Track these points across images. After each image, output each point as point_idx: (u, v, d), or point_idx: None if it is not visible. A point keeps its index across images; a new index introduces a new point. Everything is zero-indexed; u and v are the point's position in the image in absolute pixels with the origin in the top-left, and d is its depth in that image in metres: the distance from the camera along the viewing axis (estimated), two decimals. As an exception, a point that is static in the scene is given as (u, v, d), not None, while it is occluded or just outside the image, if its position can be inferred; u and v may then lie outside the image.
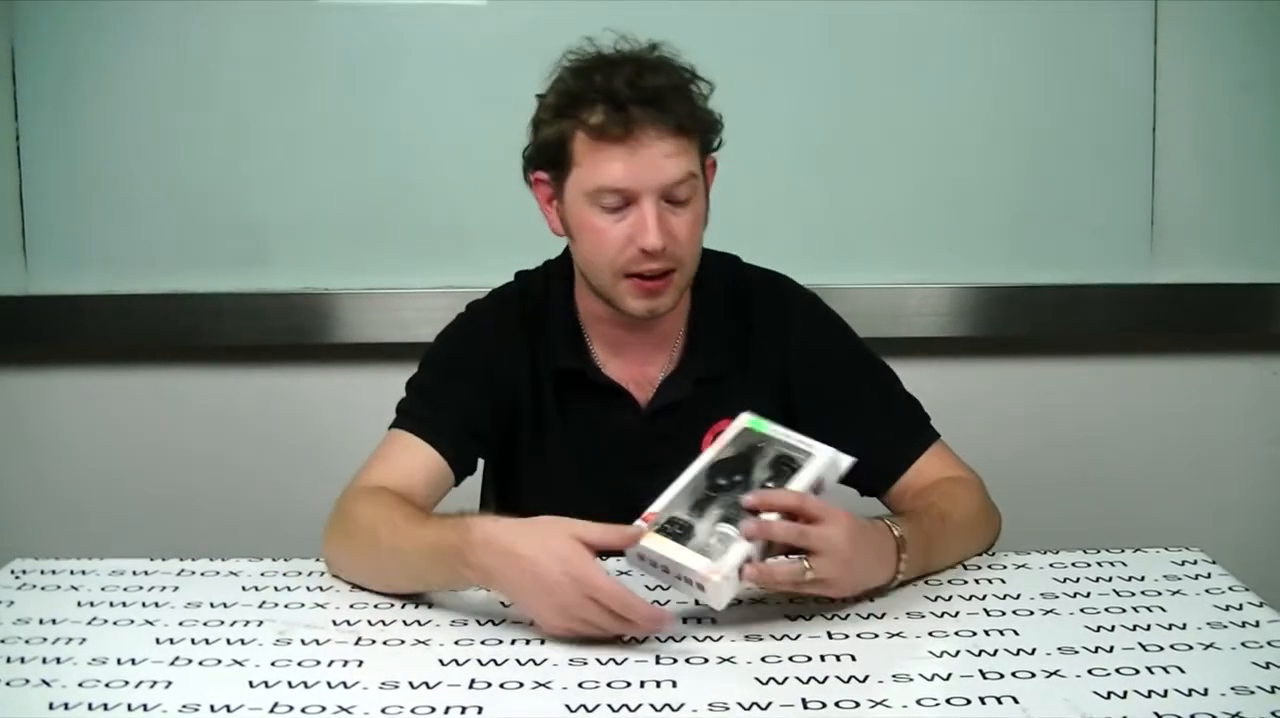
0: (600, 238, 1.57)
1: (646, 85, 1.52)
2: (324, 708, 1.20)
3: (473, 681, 1.26)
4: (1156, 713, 1.16)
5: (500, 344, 1.70)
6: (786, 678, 1.25)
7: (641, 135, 1.51)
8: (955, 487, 1.62)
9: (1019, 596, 1.47)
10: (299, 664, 1.30)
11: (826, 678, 1.25)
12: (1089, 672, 1.25)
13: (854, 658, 1.29)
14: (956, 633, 1.37)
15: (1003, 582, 1.51)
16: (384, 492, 1.54)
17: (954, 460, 1.68)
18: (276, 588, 1.53)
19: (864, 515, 1.46)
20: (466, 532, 1.37)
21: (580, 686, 1.24)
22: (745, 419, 1.45)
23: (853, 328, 1.77)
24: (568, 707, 1.20)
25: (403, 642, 1.36)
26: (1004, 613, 1.42)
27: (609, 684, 1.24)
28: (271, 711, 1.20)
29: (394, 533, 1.46)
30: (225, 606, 1.47)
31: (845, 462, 1.43)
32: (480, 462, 1.73)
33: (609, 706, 1.20)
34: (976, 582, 1.51)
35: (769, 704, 1.19)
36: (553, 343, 1.69)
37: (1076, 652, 1.30)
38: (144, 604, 1.47)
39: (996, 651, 1.31)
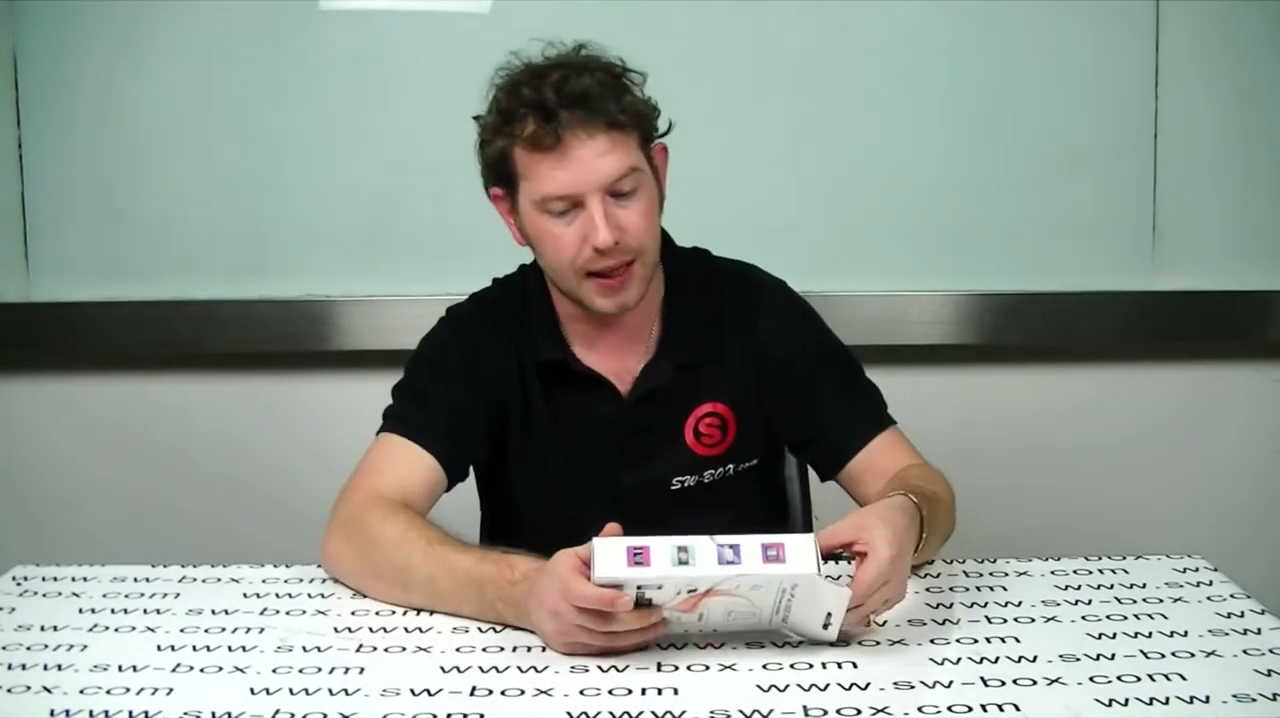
0: (556, 243, 1.59)
1: (572, 89, 1.54)
2: (325, 715, 1.20)
3: (474, 688, 1.26)
4: (1158, 720, 1.16)
5: (485, 343, 1.71)
6: (788, 686, 1.25)
7: (572, 139, 1.53)
8: (930, 472, 1.64)
9: (1020, 603, 1.47)
10: (300, 671, 1.30)
11: (828, 686, 1.25)
12: (1090, 679, 1.25)
13: (855, 665, 1.29)
14: (958, 640, 1.36)
15: (1004, 589, 1.51)
16: (404, 509, 1.55)
17: (912, 449, 1.70)
18: (278, 595, 1.53)
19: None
20: (510, 569, 1.40)
21: (581, 693, 1.24)
22: None
23: (851, 332, 1.78)
24: (569, 714, 1.20)
25: (404, 649, 1.36)
26: (1005, 620, 1.42)
27: (610, 692, 1.24)
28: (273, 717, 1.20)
29: (427, 558, 1.47)
30: (226, 612, 1.47)
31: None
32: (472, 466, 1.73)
33: (610, 713, 1.20)
34: (978, 589, 1.51)
35: (770, 712, 1.19)
36: (535, 338, 1.71)
37: (1078, 659, 1.30)
38: (145, 611, 1.47)
39: (998, 658, 1.31)
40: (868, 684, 1.25)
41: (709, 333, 1.72)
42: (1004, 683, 1.25)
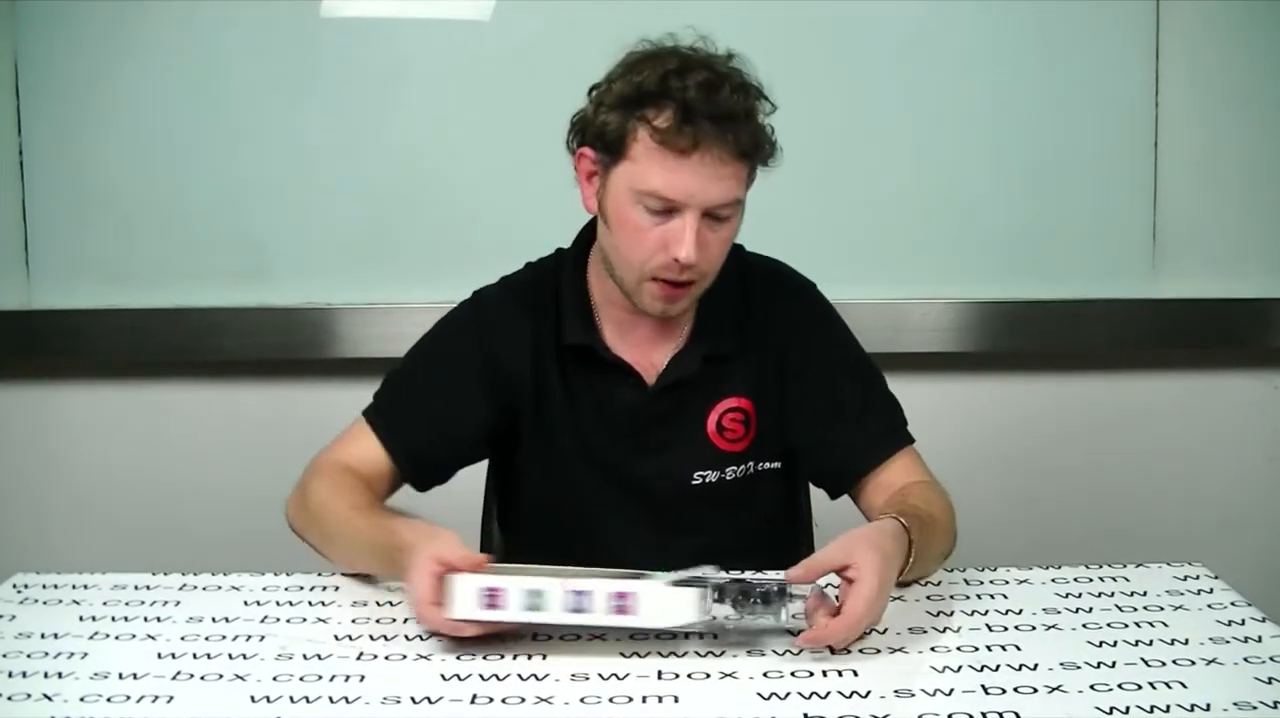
0: (637, 237, 1.56)
1: (721, 102, 1.51)
2: (326, 723, 1.20)
3: (475, 695, 1.26)
4: (1159, 729, 1.16)
5: (502, 329, 1.70)
6: (789, 693, 1.25)
7: (705, 154, 1.50)
8: (931, 492, 1.63)
9: (1021, 611, 1.46)
10: (300, 679, 1.30)
11: (829, 693, 1.25)
12: (1091, 687, 1.25)
13: (856, 674, 1.29)
14: (958, 648, 1.36)
15: (1005, 597, 1.51)
16: (344, 474, 1.64)
17: (923, 467, 1.69)
18: (278, 603, 1.52)
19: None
20: (393, 535, 1.47)
21: (582, 700, 1.24)
22: None
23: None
24: (569, 722, 1.20)
25: (404, 657, 1.36)
26: (1006, 628, 1.42)
27: (611, 699, 1.24)
28: (273, 726, 1.20)
29: (338, 523, 1.58)
30: (227, 620, 1.47)
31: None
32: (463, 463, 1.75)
33: (611, 721, 1.20)
34: (978, 597, 1.51)
35: (771, 720, 1.19)
36: (563, 321, 1.69)
37: (1078, 667, 1.30)
38: (146, 619, 1.47)
39: (999, 666, 1.31)
40: (868, 692, 1.25)
41: (739, 328, 1.71)
42: (1004, 691, 1.25)
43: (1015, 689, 1.25)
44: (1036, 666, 1.31)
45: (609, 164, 1.56)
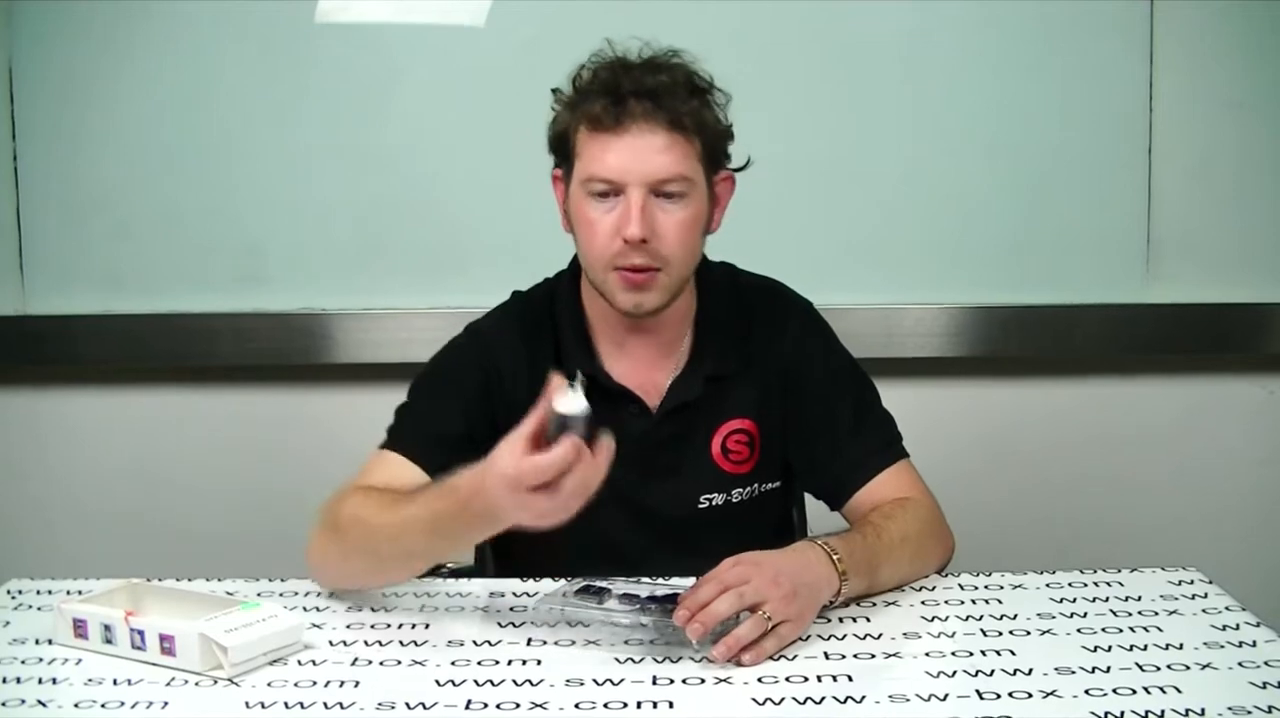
0: (591, 229, 1.58)
1: (647, 80, 1.55)
2: (320, 729, 1.20)
3: (469, 701, 1.26)
4: (1153, 733, 1.17)
5: (499, 355, 1.69)
6: (783, 699, 1.25)
7: (632, 126, 1.54)
8: (896, 506, 1.62)
9: (1016, 616, 1.47)
10: (295, 685, 1.30)
11: (823, 698, 1.25)
12: (1086, 692, 1.25)
13: (851, 679, 1.30)
14: (953, 653, 1.37)
15: (999, 602, 1.51)
16: (368, 489, 1.54)
17: (911, 482, 1.68)
18: (273, 608, 1.52)
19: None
20: (455, 493, 1.38)
21: (577, 706, 1.24)
22: None
23: (845, 344, 1.78)
24: (564, 727, 1.20)
25: (399, 662, 1.36)
26: (1001, 633, 1.42)
27: (605, 705, 1.24)
28: (268, 731, 1.20)
29: (385, 522, 1.47)
30: (222, 626, 1.46)
31: None
32: None
33: (606, 726, 1.20)
34: (973, 602, 1.51)
35: (766, 725, 1.20)
36: (564, 349, 1.69)
37: (1073, 672, 1.30)
38: (140, 625, 1.47)
39: (993, 671, 1.31)
40: (863, 697, 1.25)
41: (738, 347, 1.71)
42: (999, 696, 1.25)
43: (1010, 694, 1.25)
44: (1031, 671, 1.31)
45: (568, 172, 1.61)
